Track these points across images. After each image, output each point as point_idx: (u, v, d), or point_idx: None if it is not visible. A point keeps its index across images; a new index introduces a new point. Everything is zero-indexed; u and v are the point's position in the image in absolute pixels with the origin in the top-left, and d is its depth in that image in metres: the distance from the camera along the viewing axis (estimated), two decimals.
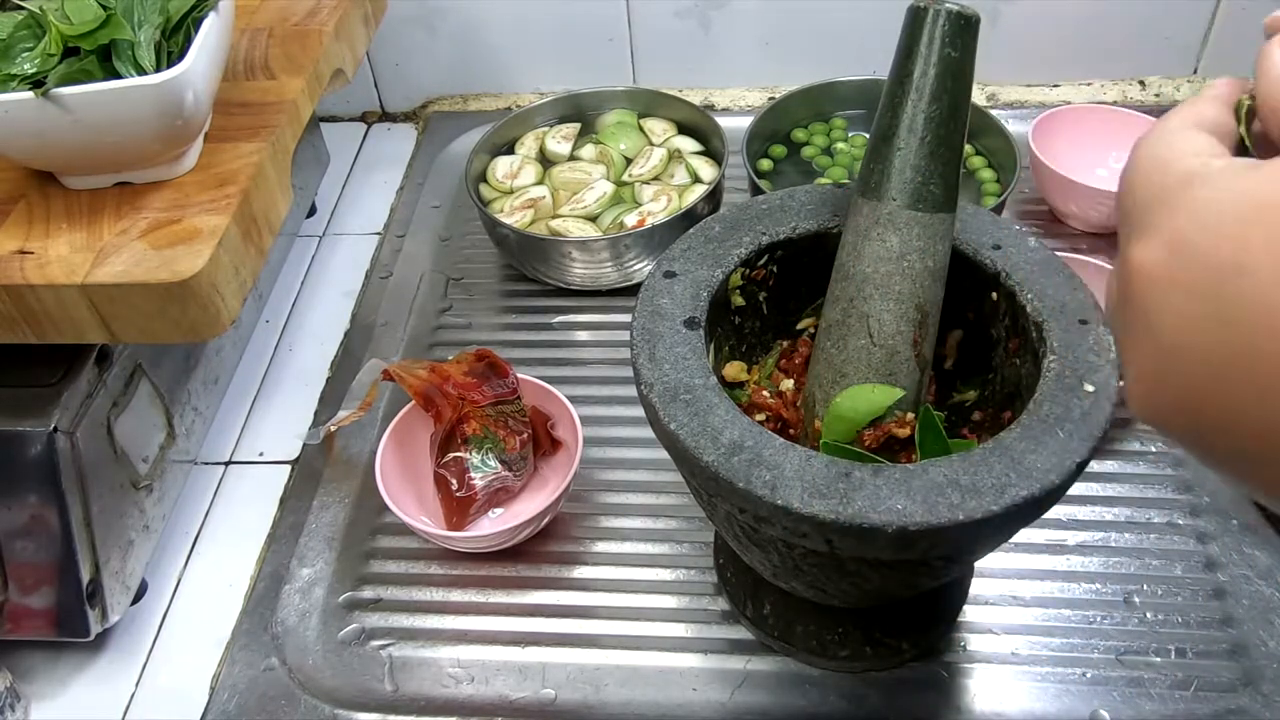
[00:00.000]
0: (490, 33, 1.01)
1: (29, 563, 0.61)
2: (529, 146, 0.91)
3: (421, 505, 0.68)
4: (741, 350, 0.59)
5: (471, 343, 0.79)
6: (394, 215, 0.94)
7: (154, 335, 0.59)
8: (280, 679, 0.63)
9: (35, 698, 0.64)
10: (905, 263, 0.49)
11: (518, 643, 0.63)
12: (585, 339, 0.82)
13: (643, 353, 0.50)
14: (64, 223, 0.61)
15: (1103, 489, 0.67)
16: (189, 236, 0.59)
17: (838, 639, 0.60)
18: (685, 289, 0.53)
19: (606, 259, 0.81)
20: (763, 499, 0.43)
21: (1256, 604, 0.61)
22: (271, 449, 0.76)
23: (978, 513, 0.42)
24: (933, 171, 0.49)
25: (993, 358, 0.55)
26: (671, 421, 0.46)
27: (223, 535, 0.71)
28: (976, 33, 0.47)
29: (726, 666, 0.61)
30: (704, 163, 0.88)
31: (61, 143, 0.58)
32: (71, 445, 0.60)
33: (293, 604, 0.66)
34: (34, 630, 0.62)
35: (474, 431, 0.67)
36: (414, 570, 0.67)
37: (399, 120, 1.07)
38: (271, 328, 0.85)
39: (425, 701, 0.61)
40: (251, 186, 0.63)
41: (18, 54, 0.58)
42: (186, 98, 0.58)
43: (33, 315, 0.58)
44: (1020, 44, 0.96)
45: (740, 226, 0.56)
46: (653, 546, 0.67)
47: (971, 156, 0.87)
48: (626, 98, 0.93)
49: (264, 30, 0.76)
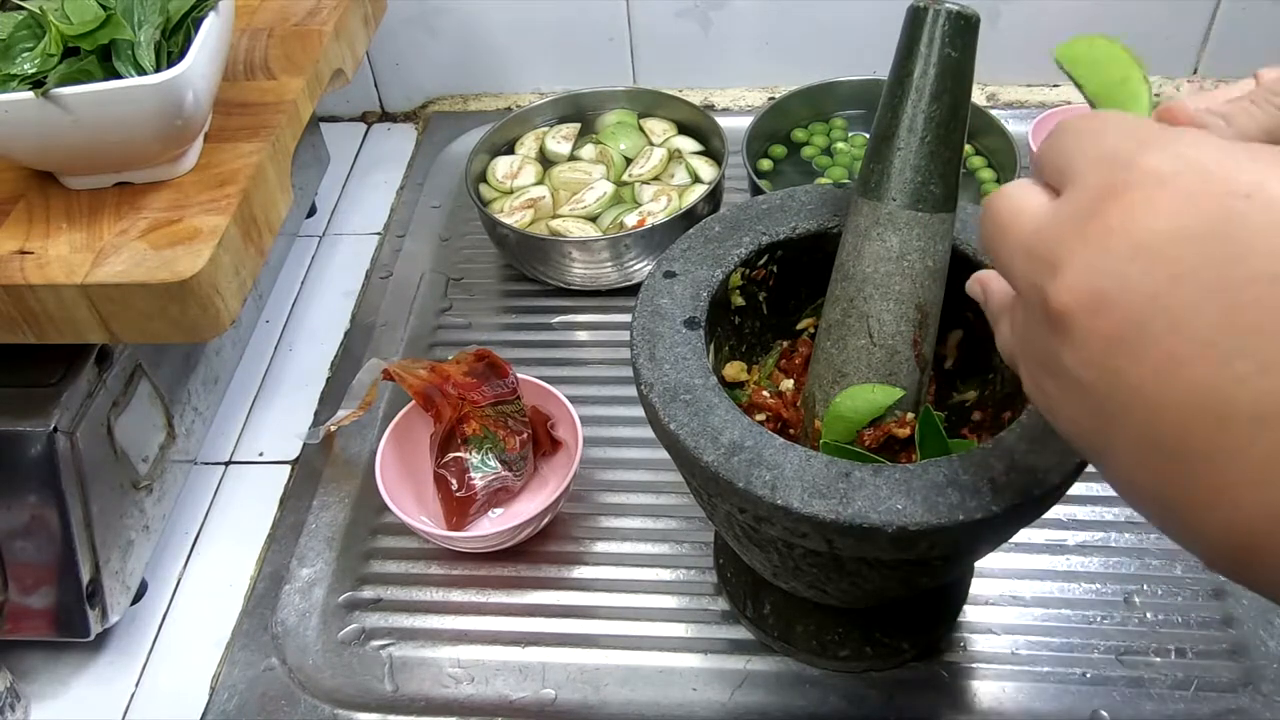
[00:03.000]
0: (490, 33, 1.01)
1: (29, 563, 0.61)
2: (529, 146, 0.91)
3: (421, 505, 0.68)
4: (741, 350, 0.59)
5: (471, 343, 0.79)
6: (394, 215, 0.94)
7: (154, 335, 0.59)
8: (280, 679, 0.63)
9: (35, 698, 0.64)
10: (905, 263, 0.49)
11: (518, 643, 0.63)
12: (585, 339, 0.82)
13: (643, 353, 0.50)
14: (64, 223, 0.61)
15: (1103, 489, 0.67)
16: (189, 236, 0.59)
17: (838, 639, 0.60)
18: (685, 289, 0.53)
19: (606, 259, 0.81)
20: (763, 499, 0.43)
21: (1256, 604, 0.61)
22: (271, 449, 0.76)
23: (978, 513, 0.42)
24: (933, 171, 0.49)
25: (993, 358, 0.55)
26: (671, 421, 0.46)
27: (223, 535, 0.71)
28: (976, 33, 0.47)
29: (726, 666, 0.61)
30: (704, 163, 0.88)
31: (61, 143, 0.58)
32: (71, 445, 0.60)
33: (293, 604, 0.66)
34: (34, 630, 0.62)
35: (474, 431, 0.67)
36: (414, 570, 0.67)
37: (399, 120, 1.07)
38: (271, 328, 0.85)
39: (425, 701, 0.61)
40: (251, 186, 0.63)
41: (18, 54, 0.58)
42: (186, 98, 0.58)
43: (33, 315, 0.58)
44: (1020, 44, 0.96)
45: (740, 226, 0.56)
46: (653, 546, 0.67)
47: (971, 156, 0.87)
48: (626, 98, 0.93)
49: (264, 30, 0.76)
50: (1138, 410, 0.24)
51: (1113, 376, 0.25)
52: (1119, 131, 0.27)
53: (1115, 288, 0.24)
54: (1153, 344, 0.23)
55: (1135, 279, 0.24)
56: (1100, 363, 0.25)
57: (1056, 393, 0.27)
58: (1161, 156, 0.25)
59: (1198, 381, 0.23)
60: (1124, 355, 0.24)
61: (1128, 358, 0.24)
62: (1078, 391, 0.26)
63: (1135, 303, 0.24)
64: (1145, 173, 0.25)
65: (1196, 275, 0.23)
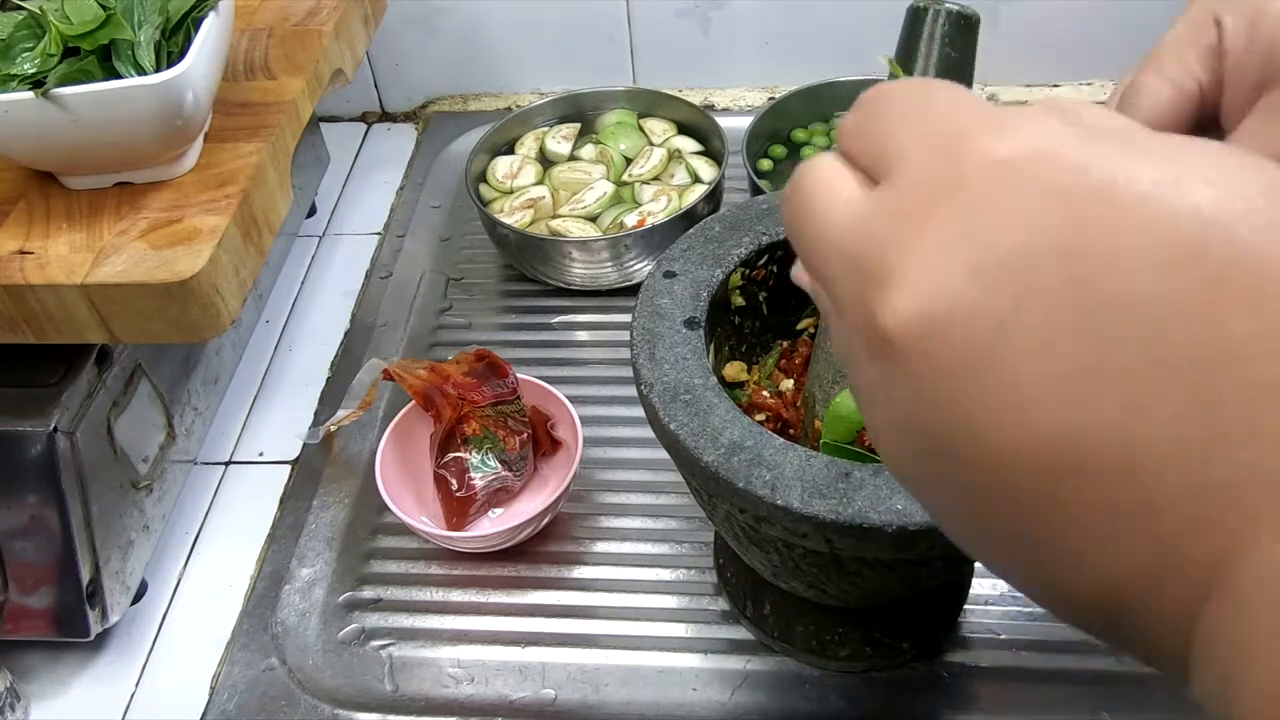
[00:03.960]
0: (490, 33, 1.01)
1: (29, 563, 0.61)
2: (529, 146, 0.91)
3: (421, 505, 0.68)
4: (741, 350, 0.59)
5: (471, 343, 0.79)
6: (394, 215, 0.94)
7: (154, 335, 0.59)
8: (280, 679, 0.63)
9: (35, 698, 0.64)
10: None
11: (518, 643, 0.63)
12: (585, 339, 0.82)
13: (643, 353, 0.50)
14: (64, 223, 0.61)
15: None
16: (189, 236, 0.59)
17: (838, 639, 0.60)
18: (685, 289, 0.53)
19: (606, 259, 0.81)
20: (763, 499, 0.43)
21: None
22: (271, 449, 0.76)
23: None
24: None
25: None
26: (671, 421, 0.46)
27: (223, 535, 0.71)
28: (976, 33, 0.47)
29: (726, 666, 0.61)
30: (704, 163, 0.88)
31: (61, 143, 0.58)
32: (71, 445, 0.60)
33: (293, 604, 0.66)
34: (34, 630, 0.62)
35: (474, 431, 0.67)
36: (414, 570, 0.67)
37: (399, 120, 1.07)
38: (271, 328, 0.85)
39: (425, 701, 0.61)
40: (251, 186, 0.63)
41: (18, 54, 0.58)
42: (186, 98, 0.58)
43: (33, 315, 0.58)
44: (1020, 44, 0.96)
45: (740, 226, 0.56)
46: (653, 546, 0.67)
47: None
48: (626, 98, 0.93)
49: (264, 30, 0.76)
50: (977, 456, 0.20)
51: (947, 415, 0.20)
52: (950, 107, 0.22)
53: (952, 311, 0.20)
54: (996, 380, 0.19)
55: (976, 301, 0.19)
56: (932, 399, 0.20)
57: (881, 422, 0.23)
58: (1005, 143, 0.20)
59: (1050, 425, 0.19)
60: (962, 392, 0.20)
61: (966, 395, 0.20)
62: (905, 427, 0.22)
63: (976, 330, 0.19)
64: (986, 164, 0.20)
65: (1048, 298, 0.19)
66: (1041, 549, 0.20)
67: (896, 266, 0.20)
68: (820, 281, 0.24)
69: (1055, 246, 0.19)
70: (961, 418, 0.20)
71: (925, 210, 0.20)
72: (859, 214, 0.22)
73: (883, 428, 0.23)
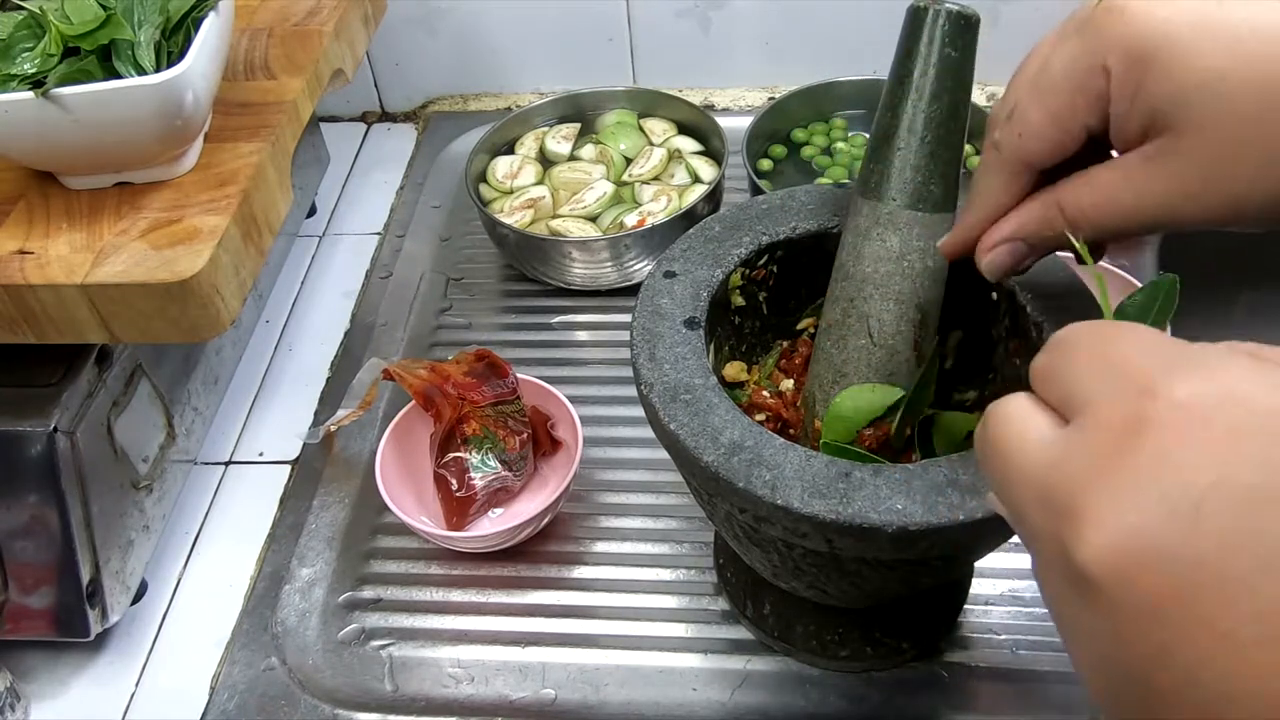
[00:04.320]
0: (490, 33, 1.01)
1: (29, 563, 0.61)
2: (529, 146, 0.91)
3: (421, 505, 0.68)
4: (741, 350, 0.59)
5: (471, 343, 0.79)
6: (394, 215, 0.94)
7: (154, 335, 0.59)
8: (280, 679, 0.63)
9: (35, 698, 0.64)
10: (905, 263, 0.49)
11: (518, 643, 0.63)
12: (585, 339, 0.82)
13: (643, 353, 0.50)
14: (64, 223, 0.61)
15: None
16: (189, 236, 0.59)
17: (838, 639, 0.60)
18: (685, 289, 0.53)
19: (606, 259, 0.81)
20: (763, 499, 0.43)
21: None
22: (271, 449, 0.76)
23: (978, 513, 0.42)
24: (933, 171, 0.49)
25: (993, 358, 0.55)
26: (671, 421, 0.46)
27: (223, 535, 0.71)
28: (976, 33, 0.47)
29: (726, 666, 0.61)
30: (704, 163, 0.88)
31: (61, 143, 0.58)
32: (71, 445, 0.60)
33: (293, 604, 0.66)
34: (34, 630, 0.62)
35: (474, 431, 0.67)
36: (414, 570, 0.67)
37: (399, 120, 1.07)
38: (271, 328, 0.85)
39: (425, 701, 0.61)
40: (251, 186, 0.63)
41: (18, 54, 0.58)
42: (186, 98, 0.58)
43: (33, 315, 0.58)
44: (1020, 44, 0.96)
45: (740, 226, 0.56)
46: (653, 546, 0.67)
47: (971, 156, 0.87)
48: (626, 98, 0.93)
49: (264, 30, 0.76)
50: (1189, 694, 0.20)
51: (1154, 654, 0.20)
52: (1135, 349, 0.23)
53: (1151, 550, 0.20)
54: (1205, 621, 0.19)
55: (1176, 540, 0.20)
56: (1136, 637, 0.20)
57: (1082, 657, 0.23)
58: (1194, 385, 0.21)
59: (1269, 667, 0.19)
60: (1168, 631, 0.20)
61: (1173, 635, 0.20)
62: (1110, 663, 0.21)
63: (1178, 570, 0.19)
64: (1176, 405, 0.21)
65: (1251, 539, 0.19)
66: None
67: (1091, 504, 0.21)
68: (1013, 513, 0.25)
69: (1256, 487, 0.19)
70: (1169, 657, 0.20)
71: (1116, 450, 0.21)
72: (1051, 452, 0.23)
73: (1085, 663, 0.23)
